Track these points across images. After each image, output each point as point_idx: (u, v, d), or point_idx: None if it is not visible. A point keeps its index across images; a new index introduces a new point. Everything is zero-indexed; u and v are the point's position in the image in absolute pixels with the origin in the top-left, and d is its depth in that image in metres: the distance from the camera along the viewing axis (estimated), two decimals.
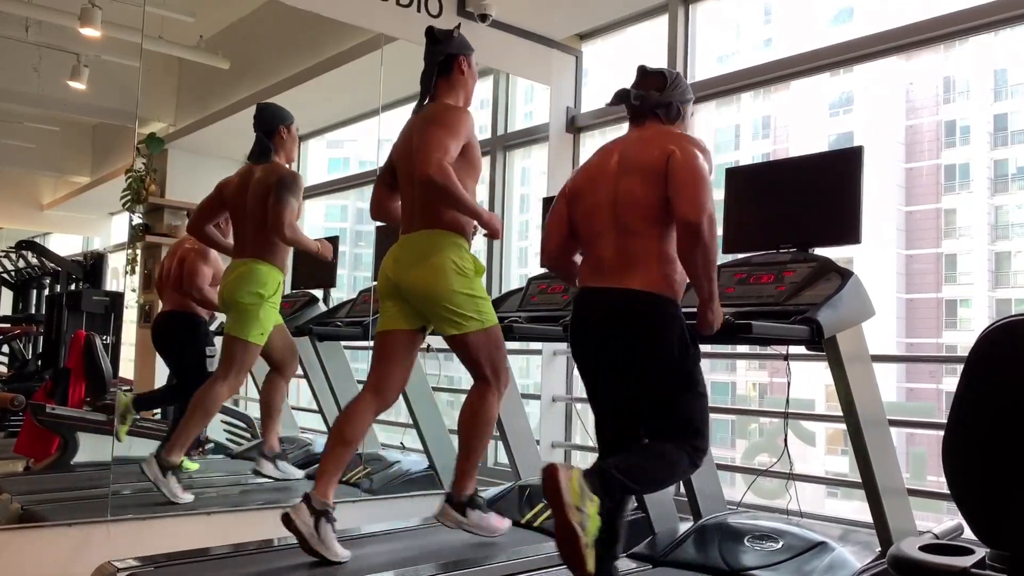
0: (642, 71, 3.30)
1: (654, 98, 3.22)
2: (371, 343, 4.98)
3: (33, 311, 6.45)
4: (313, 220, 6.56)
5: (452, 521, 3.80)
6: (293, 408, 6.14)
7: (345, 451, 3.63)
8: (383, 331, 3.76)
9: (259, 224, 4.57)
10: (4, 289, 6.33)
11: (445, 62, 3.74)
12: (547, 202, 4.61)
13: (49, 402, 5.43)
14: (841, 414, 3.38)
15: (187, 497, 4.49)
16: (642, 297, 3.00)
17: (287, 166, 4.74)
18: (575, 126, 5.86)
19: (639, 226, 3.04)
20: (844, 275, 3.28)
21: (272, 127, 4.72)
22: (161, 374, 5.43)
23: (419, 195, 3.62)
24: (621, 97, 3.27)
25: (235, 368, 4.62)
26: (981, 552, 2.15)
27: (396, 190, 3.88)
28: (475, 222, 3.68)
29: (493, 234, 3.75)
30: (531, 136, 6.14)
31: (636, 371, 3.05)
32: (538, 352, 5.68)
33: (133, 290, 5.69)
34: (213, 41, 6.15)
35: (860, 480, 3.39)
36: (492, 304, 4.68)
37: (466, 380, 3.92)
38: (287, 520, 3.45)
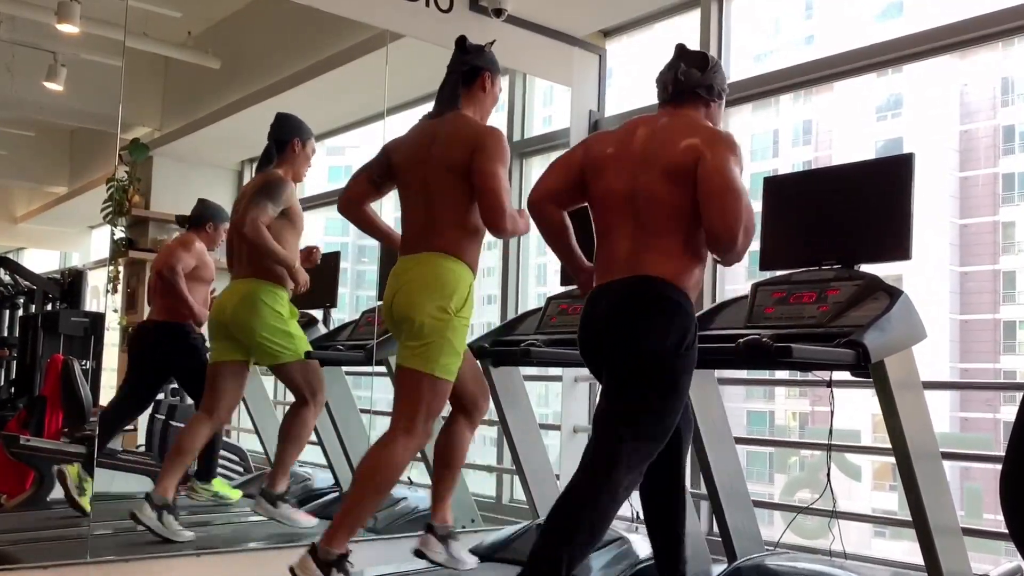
0: (682, 49, 3.32)
1: (696, 77, 3.25)
2: (375, 368, 5.04)
3: (6, 333, 6.50)
4: (312, 234, 6.60)
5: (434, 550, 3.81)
6: None
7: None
8: None
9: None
10: None
11: (469, 73, 3.77)
12: None
13: (23, 433, 5.47)
14: (889, 446, 3.40)
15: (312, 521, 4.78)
16: (652, 281, 3.04)
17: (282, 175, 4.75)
18: (598, 131, 5.87)
19: (660, 226, 3.08)
20: (893, 294, 3.29)
21: (286, 138, 4.73)
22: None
23: (434, 213, 3.63)
24: (671, 66, 3.27)
25: (306, 390, 4.72)
26: None
27: (380, 190, 3.89)
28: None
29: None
30: (550, 142, 6.17)
31: (628, 351, 3.04)
32: (558, 379, 5.70)
33: (115, 310, 5.72)
34: (202, 38, 6.21)
35: (910, 518, 3.40)
36: (508, 326, 4.74)
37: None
38: None
